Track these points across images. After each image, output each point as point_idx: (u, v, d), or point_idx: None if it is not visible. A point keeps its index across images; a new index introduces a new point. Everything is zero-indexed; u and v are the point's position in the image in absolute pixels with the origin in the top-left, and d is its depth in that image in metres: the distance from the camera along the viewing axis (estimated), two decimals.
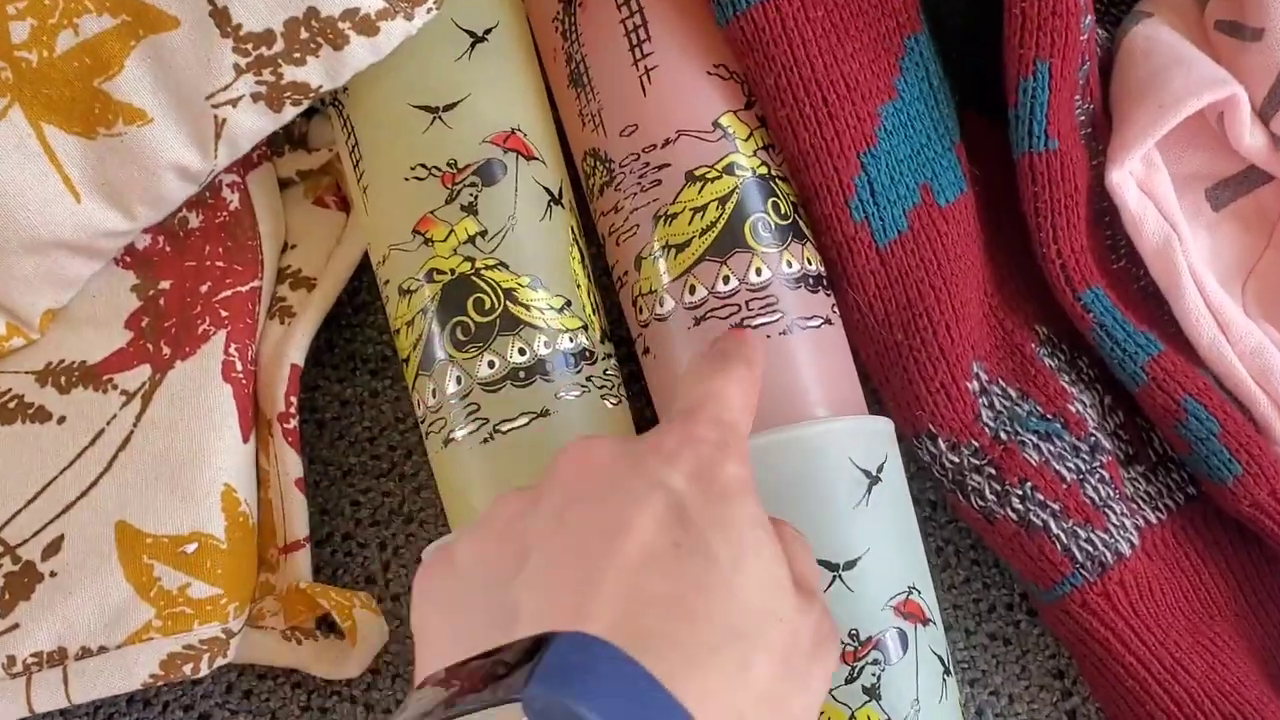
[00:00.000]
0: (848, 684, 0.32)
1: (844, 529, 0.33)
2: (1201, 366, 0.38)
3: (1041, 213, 0.37)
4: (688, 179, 0.36)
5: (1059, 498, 0.36)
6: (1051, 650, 0.39)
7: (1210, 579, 0.38)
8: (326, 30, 0.35)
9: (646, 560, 0.25)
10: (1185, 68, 0.37)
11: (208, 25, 0.35)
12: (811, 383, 0.35)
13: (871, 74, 0.37)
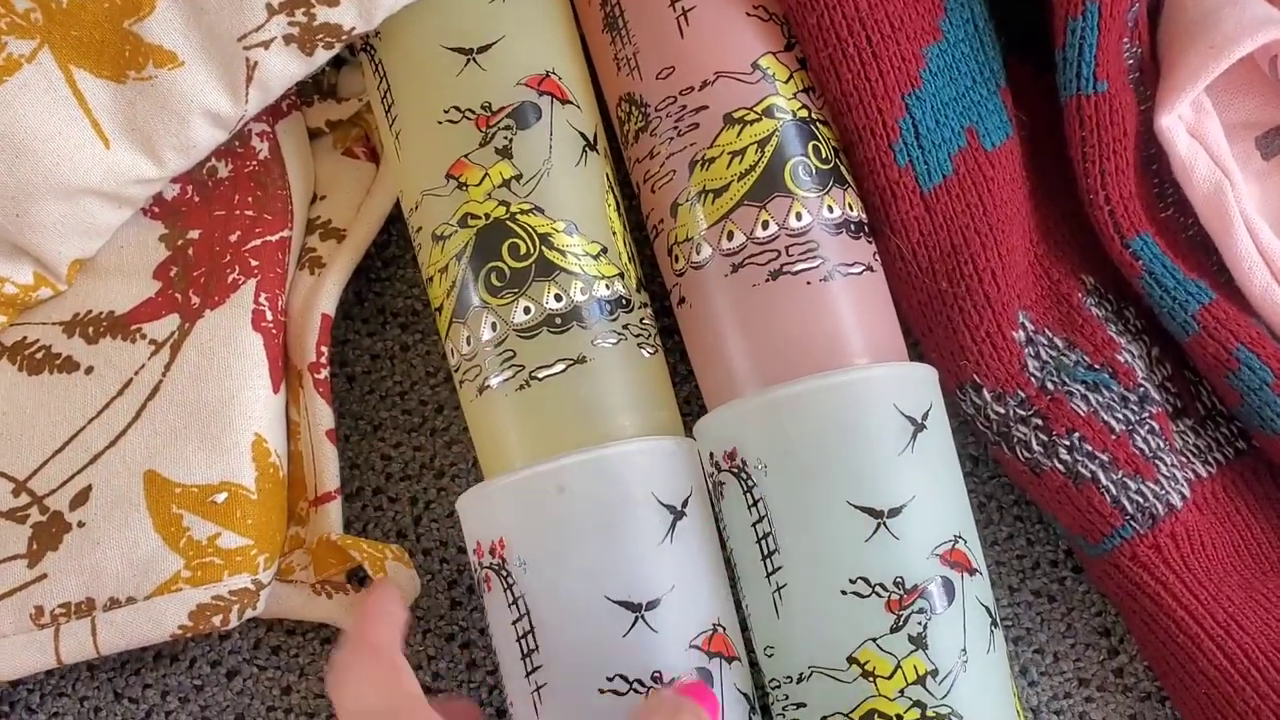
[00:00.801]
0: (893, 633, 0.32)
1: (889, 476, 0.32)
2: (1254, 315, 0.37)
3: (1089, 158, 0.36)
4: (726, 122, 0.36)
5: (1108, 448, 0.35)
6: (1098, 607, 0.38)
7: (1262, 533, 0.37)
8: None
9: None
10: (1238, 8, 0.36)
11: None
12: (852, 330, 0.35)
13: (916, 14, 0.36)
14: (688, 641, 0.33)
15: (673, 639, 0.33)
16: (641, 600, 0.33)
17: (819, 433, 0.33)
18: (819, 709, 0.32)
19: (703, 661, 0.33)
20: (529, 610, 0.33)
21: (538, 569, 0.33)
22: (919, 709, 0.31)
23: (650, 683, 0.32)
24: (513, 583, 0.33)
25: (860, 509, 0.32)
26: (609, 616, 0.32)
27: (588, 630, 0.33)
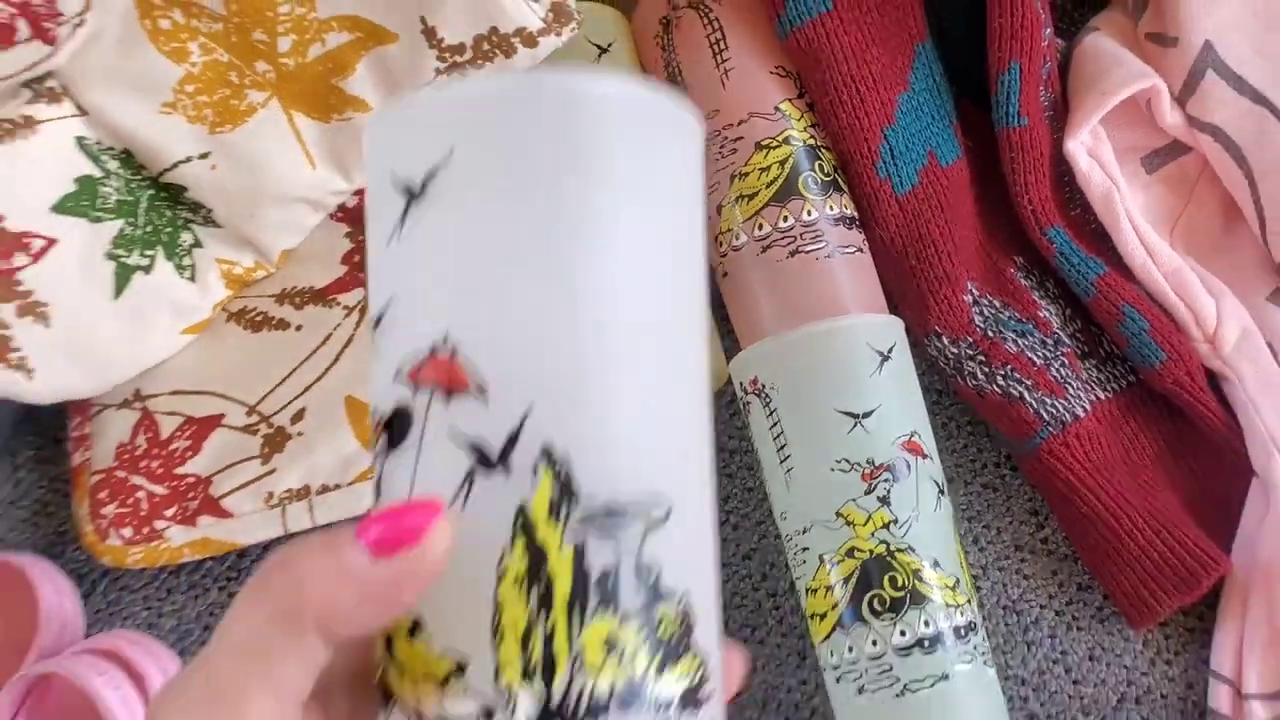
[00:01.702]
0: (866, 495, 0.46)
1: (863, 390, 0.47)
2: (1135, 283, 0.51)
3: (1017, 172, 0.51)
4: (756, 147, 0.50)
5: (1031, 376, 0.50)
6: (1029, 495, 0.52)
7: (1144, 440, 0.51)
8: (502, 43, 0.50)
9: None
10: (1121, 66, 0.51)
11: (419, 40, 0.49)
12: (847, 294, 0.49)
13: (891, 72, 0.50)
14: (396, 368, 0.27)
15: (387, 364, 0.27)
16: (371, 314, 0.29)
17: (816, 362, 0.47)
18: (817, 550, 0.46)
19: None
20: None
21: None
22: (884, 545, 0.45)
23: (370, 424, 0.29)
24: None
25: (843, 413, 0.46)
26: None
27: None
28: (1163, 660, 0.49)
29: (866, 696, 0.45)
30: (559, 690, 0.25)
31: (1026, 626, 0.50)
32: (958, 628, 0.45)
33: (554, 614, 0.25)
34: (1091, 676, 0.49)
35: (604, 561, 0.25)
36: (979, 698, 0.45)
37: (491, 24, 0.49)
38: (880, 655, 0.45)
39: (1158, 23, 0.51)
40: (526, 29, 0.49)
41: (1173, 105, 0.51)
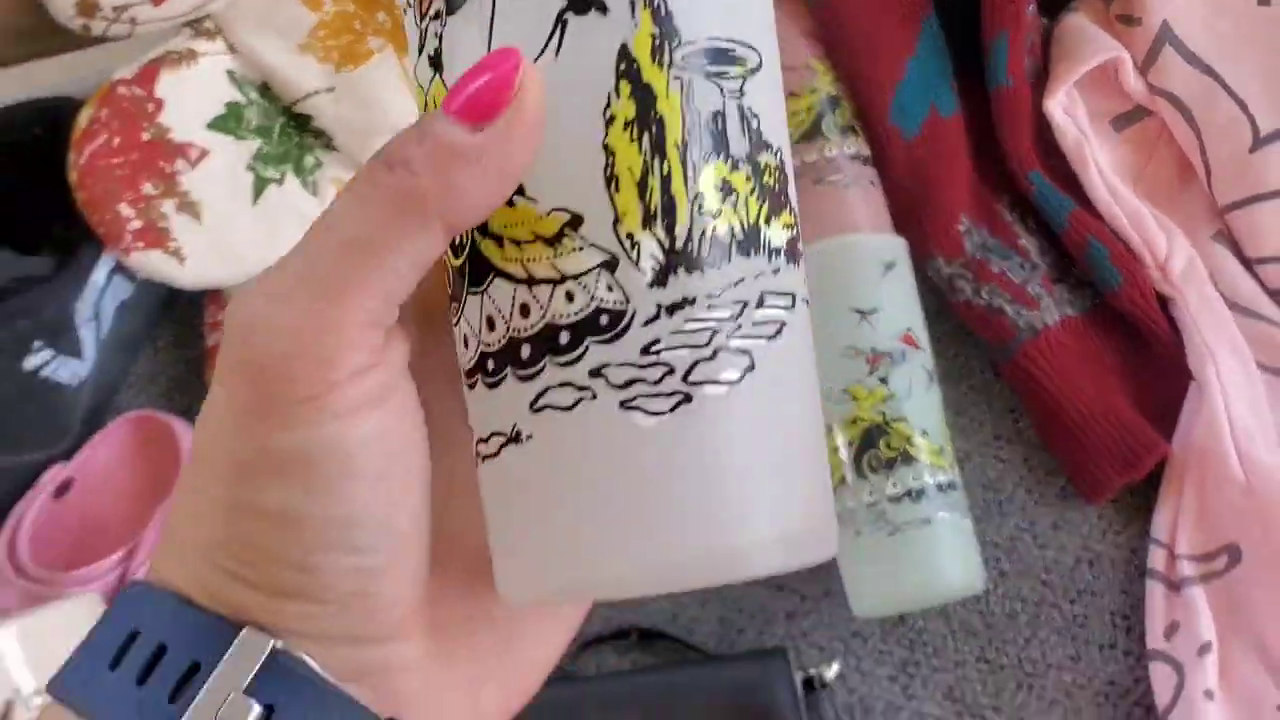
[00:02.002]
0: (869, 375, 0.56)
1: (870, 292, 0.57)
2: (1100, 219, 0.61)
3: (1005, 124, 0.61)
4: (787, 95, 0.61)
5: (1010, 291, 0.60)
6: (1008, 396, 0.62)
7: (1104, 350, 0.61)
8: None
9: None
10: (1094, 40, 0.61)
11: None
12: (860, 216, 0.59)
13: (901, 38, 0.61)
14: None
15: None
16: None
17: (833, 268, 0.57)
18: (827, 419, 0.57)
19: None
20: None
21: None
22: (882, 415, 0.55)
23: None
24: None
25: (853, 309, 0.57)
26: None
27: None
28: (1113, 531, 0.59)
29: (864, 538, 0.55)
30: (681, 234, 0.24)
31: (1001, 502, 0.60)
32: (940, 484, 0.55)
33: (669, 157, 0.24)
34: (1054, 543, 0.59)
35: (711, 104, 0.24)
36: (957, 539, 0.55)
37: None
38: (875, 503, 0.55)
39: (1125, 6, 0.62)
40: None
41: (1136, 74, 0.61)
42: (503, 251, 0.25)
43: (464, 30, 0.25)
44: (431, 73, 0.26)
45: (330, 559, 0.25)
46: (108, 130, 0.57)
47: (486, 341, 0.25)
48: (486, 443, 0.26)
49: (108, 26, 0.59)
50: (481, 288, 0.25)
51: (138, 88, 0.57)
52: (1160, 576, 0.57)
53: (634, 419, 0.24)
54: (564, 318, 0.24)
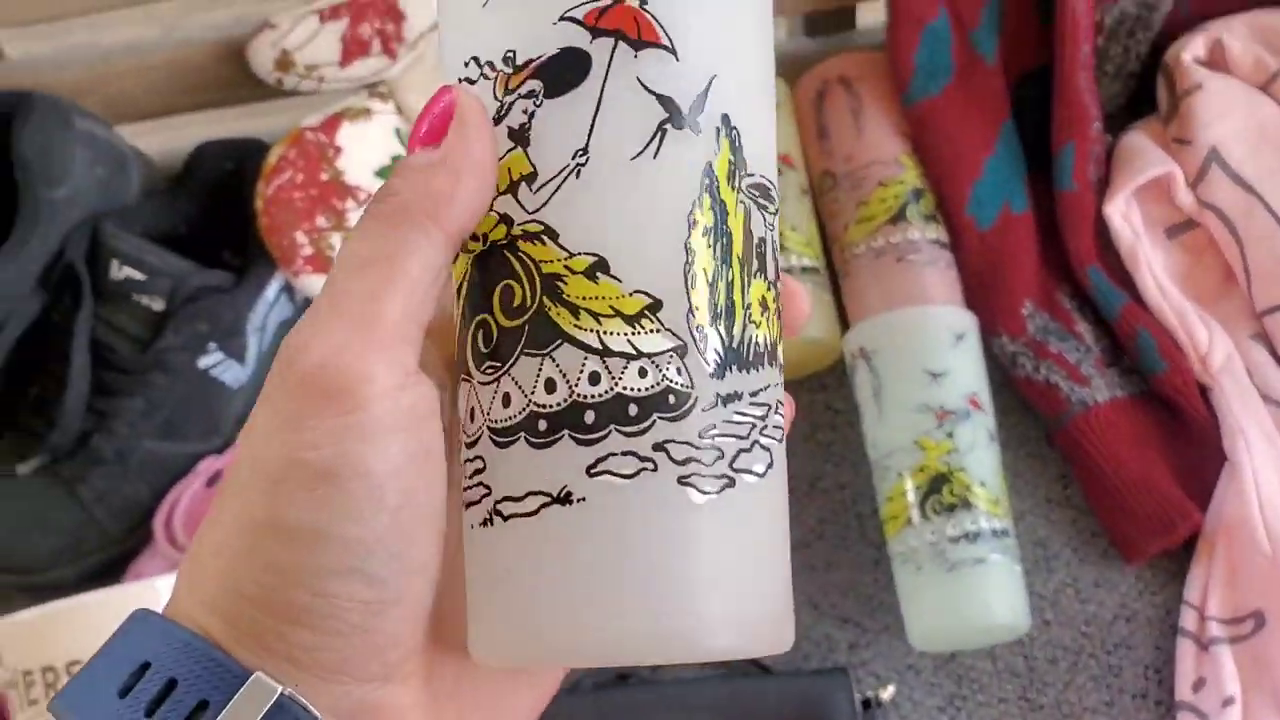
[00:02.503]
0: (936, 429, 0.63)
1: (941, 356, 0.64)
2: (1149, 313, 0.68)
3: (1068, 224, 0.69)
4: (878, 184, 0.69)
5: (1065, 369, 0.67)
6: (1059, 464, 0.69)
7: (1149, 428, 0.67)
8: None
9: None
10: (1151, 155, 0.69)
11: None
12: (936, 292, 0.67)
13: (982, 141, 0.70)
14: (561, 11, 0.27)
15: (540, 6, 0.27)
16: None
17: (910, 334, 0.65)
18: (897, 468, 0.63)
19: (577, 39, 0.27)
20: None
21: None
22: (947, 465, 0.62)
23: (501, 66, 0.27)
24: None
25: (925, 371, 0.64)
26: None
27: (446, 10, 0.29)
28: (1150, 591, 0.65)
29: (924, 573, 0.62)
30: (736, 335, 0.27)
31: (1049, 558, 0.67)
32: (995, 530, 0.62)
33: (733, 267, 0.27)
34: (1094, 598, 0.66)
35: (759, 231, 0.28)
36: (1007, 580, 0.61)
37: None
38: (936, 543, 0.62)
39: (1180, 129, 0.70)
40: None
41: (1187, 189, 0.69)
42: (578, 320, 0.26)
43: (563, 115, 0.26)
44: (511, 144, 0.27)
45: (343, 586, 0.26)
46: (293, 168, 0.66)
47: (541, 403, 0.26)
48: (518, 501, 0.26)
49: (299, 82, 0.69)
50: (545, 351, 0.26)
51: (322, 134, 0.67)
52: (1191, 635, 0.63)
53: (689, 494, 0.26)
54: (635, 391, 0.26)
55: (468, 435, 0.28)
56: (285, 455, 0.26)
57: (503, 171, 0.27)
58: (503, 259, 0.27)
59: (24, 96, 0.66)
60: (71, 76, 0.71)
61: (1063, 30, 0.68)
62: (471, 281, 0.28)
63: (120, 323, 0.66)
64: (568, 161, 0.27)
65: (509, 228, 0.27)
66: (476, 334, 0.27)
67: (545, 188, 0.27)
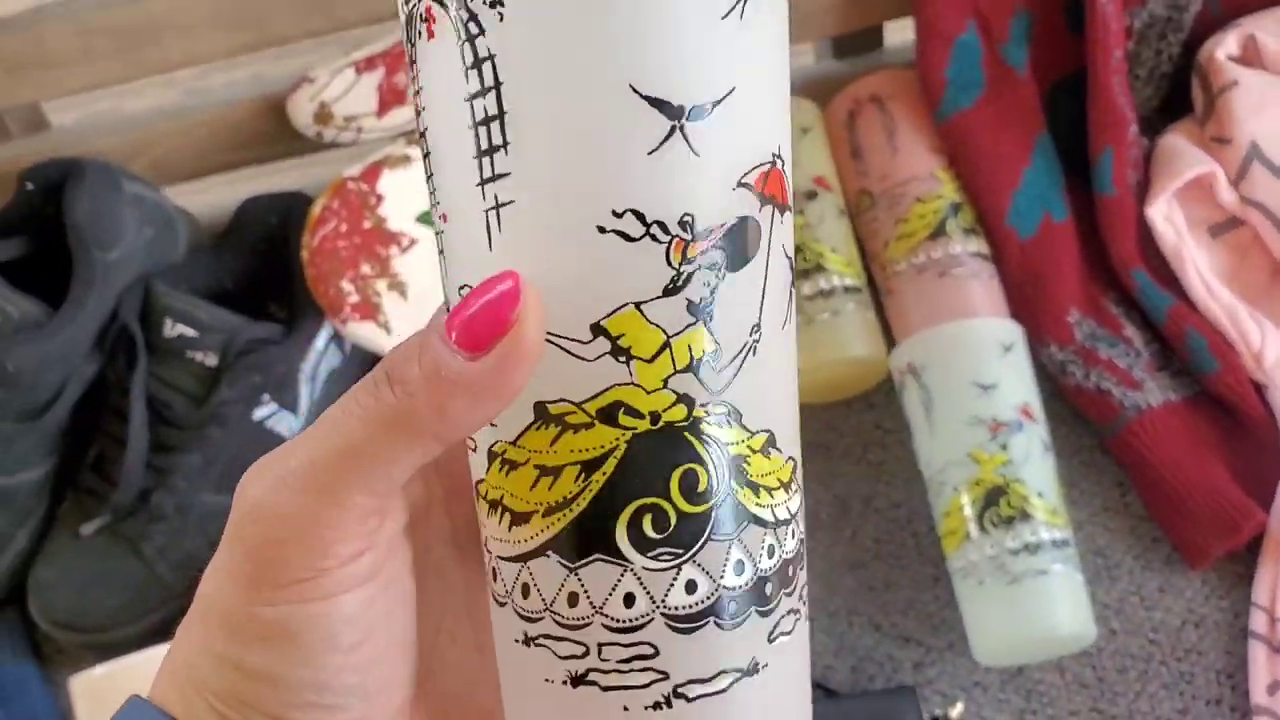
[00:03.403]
0: (990, 442, 0.63)
1: (991, 368, 0.64)
2: (1197, 312, 0.68)
3: (1110, 228, 0.69)
4: (916, 200, 0.69)
5: (1116, 375, 0.67)
6: (1115, 471, 0.68)
7: (1204, 429, 0.67)
8: None
9: None
10: (1190, 155, 0.69)
11: None
12: (981, 305, 0.67)
13: (1018, 152, 0.69)
14: (738, 176, 0.24)
15: (718, 167, 0.24)
16: (685, 103, 0.23)
17: (958, 348, 0.65)
18: (952, 482, 0.63)
19: (751, 207, 0.25)
20: (499, 82, 0.23)
21: (525, 18, 0.23)
22: (1003, 478, 0.62)
23: (677, 230, 0.24)
24: (477, 33, 0.24)
25: (975, 384, 0.64)
26: (632, 120, 0.23)
27: (595, 135, 0.24)
28: (1216, 595, 0.65)
29: (985, 587, 0.61)
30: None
31: (1111, 567, 0.66)
32: (1055, 540, 0.61)
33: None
34: (1160, 605, 0.65)
35: None
36: (1070, 589, 0.61)
37: None
38: (996, 556, 0.61)
39: (1217, 128, 0.70)
40: None
41: (1228, 187, 0.69)
42: (758, 499, 0.26)
43: (741, 289, 0.25)
44: (692, 319, 0.25)
45: (303, 715, 0.27)
46: (337, 218, 0.67)
47: (731, 585, 0.26)
48: (707, 682, 0.26)
49: (338, 134, 0.70)
50: (733, 535, 0.26)
51: (363, 183, 0.68)
52: (1262, 638, 0.62)
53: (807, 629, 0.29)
54: (790, 553, 0.27)
55: (613, 619, 0.26)
56: (241, 608, 0.27)
57: (681, 348, 0.25)
58: (682, 441, 0.25)
59: (74, 163, 0.67)
60: (117, 141, 0.72)
61: (1093, 37, 0.68)
62: (630, 460, 0.25)
63: (175, 380, 0.67)
64: (746, 339, 0.26)
65: (690, 408, 0.25)
66: (642, 517, 0.25)
67: (729, 367, 0.25)
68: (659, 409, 0.25)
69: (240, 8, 0.66)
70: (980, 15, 0.71)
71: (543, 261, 0.25)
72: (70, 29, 0.66)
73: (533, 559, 0.26)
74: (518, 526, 0.26)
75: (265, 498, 0.26)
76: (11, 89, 0.69)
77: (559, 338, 0.25)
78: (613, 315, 0.25)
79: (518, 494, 0.26)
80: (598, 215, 0.24)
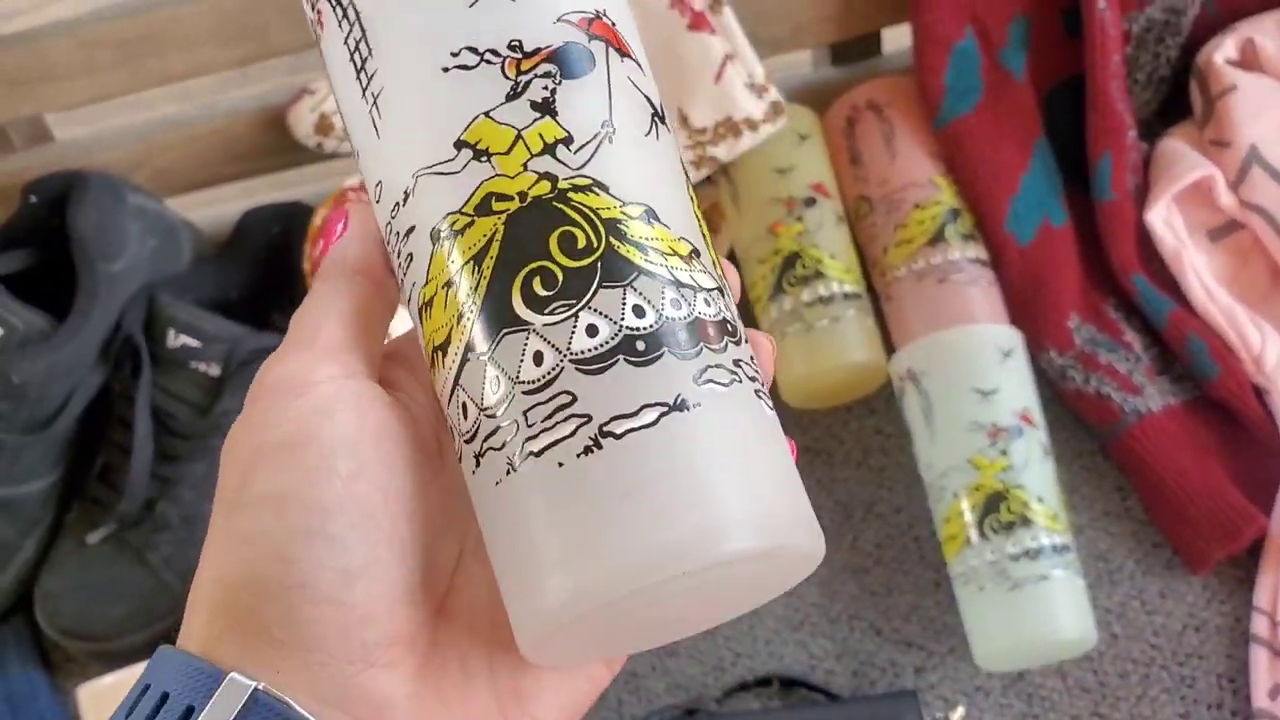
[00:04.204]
0: (990, 447, 0.63)
1: (990, 374, 0.64)
2: (1197, 317, 0.68)
3: (1109, 233, 0.69)
4: (914, 207, 0.69)
5: (1116, 380, 0.67)
6: (1116, 476, 0.68)
7: (1204, 434, 0.67)
8: (733, 129, 0.70)
9: None
10: (1189, 159, 0.69)
11: (677, 126, 0.70)
12: (981, 311, 0.67)
13: (1017, 158, 0.70)
14: (557, 14, 0.29)
15: (535, 7, 0.29)
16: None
17: (958, 354, 0.65)
18: (952, 488, 0.63)
19: (576, 37, 0.29)
20: (359, 14, 0.30)
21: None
22: (1003, 483, 0.62)
23: (507, 51, 0.28)
24: (347, 2, 0.31)
25: (975, 390, 0.64)
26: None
27: (424, 6, 0.29)
28: (1218, 600, 0.65)
29: (986, 592, 0.61)
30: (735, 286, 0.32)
31: (1112, 572, 0.66)
32: (1055, 545, 0.61)
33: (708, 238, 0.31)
34: (1161, 610, 0.65)
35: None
36: (1071, 595, 0.61)
37: (727, 114, 0.70)
38: (996, 561, 0.61)
39: (1216, 131, 0.70)
40: (751, 118, 0.70)
41: (1228, 190, 0.69)
42: (647, 257, 0.29)
43: (584, 94, 0.29)
44: (537, 114, 0.29)
45: (307, 549, 0.28)
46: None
47: (634, 326, 0.28)
48: (633, 416, 0.27)
49: (338, 144, 0.70)
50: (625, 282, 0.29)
51: (363, 193, 0.68)
52: (1264, 642, 0.62)
53: (763, 407, 0.29)
54: (708, 317, 0.29)
55: (528, 383, 0.28)
56: (253, 443, 0.30)
57: (533, 136, 0.29)
58: (553, 210, 0.28)
59: (78, 176, 0.68)
60: (120, 154, 0.73)
61: (1091, 41, 0.68)
62: (509, 238, 0.28)
63: (179, 390, 0.68)
64: (598, 130, 0.29)
65: (554, 183, 0.28)
66: (531, 280, 0.28)
67: (584, 149, 0.29)
68: (525, 188, 0.28)
69: (241, 20, 0.67)
70: (978, 21, 0.71)
71: (410, 118, 0.30)
72: (72, 42, 0.67)
73: (462, 372, 0.29)
74: (443, 354, 0.29)
75: (265, 366, 0.31)
76: (15, 102, 0.69)
77: (432, 167, 0.29)
78: (468, 127, 0.29)
79: (437, 323, 0.29)
80: (440, 59, 0.29)
